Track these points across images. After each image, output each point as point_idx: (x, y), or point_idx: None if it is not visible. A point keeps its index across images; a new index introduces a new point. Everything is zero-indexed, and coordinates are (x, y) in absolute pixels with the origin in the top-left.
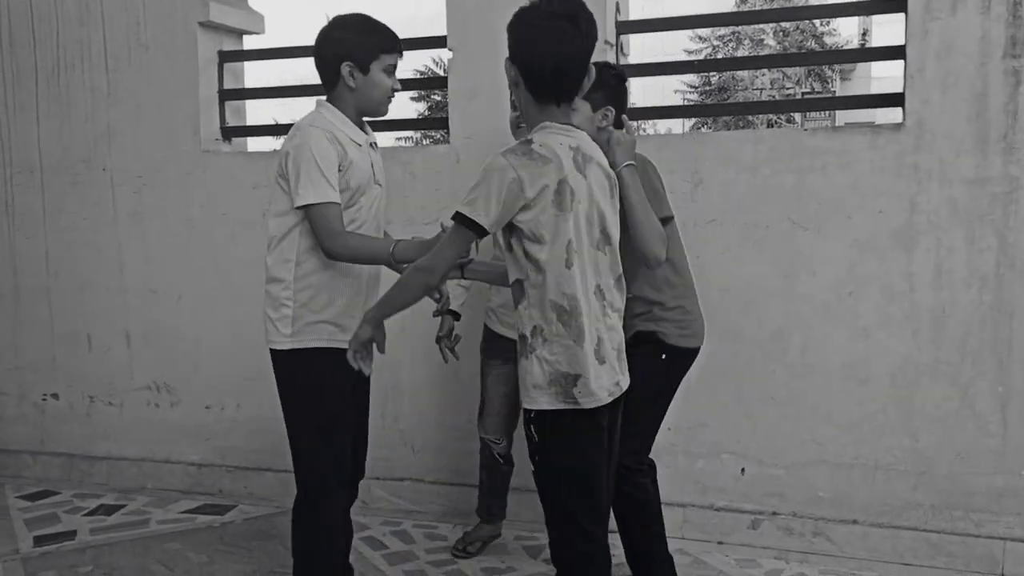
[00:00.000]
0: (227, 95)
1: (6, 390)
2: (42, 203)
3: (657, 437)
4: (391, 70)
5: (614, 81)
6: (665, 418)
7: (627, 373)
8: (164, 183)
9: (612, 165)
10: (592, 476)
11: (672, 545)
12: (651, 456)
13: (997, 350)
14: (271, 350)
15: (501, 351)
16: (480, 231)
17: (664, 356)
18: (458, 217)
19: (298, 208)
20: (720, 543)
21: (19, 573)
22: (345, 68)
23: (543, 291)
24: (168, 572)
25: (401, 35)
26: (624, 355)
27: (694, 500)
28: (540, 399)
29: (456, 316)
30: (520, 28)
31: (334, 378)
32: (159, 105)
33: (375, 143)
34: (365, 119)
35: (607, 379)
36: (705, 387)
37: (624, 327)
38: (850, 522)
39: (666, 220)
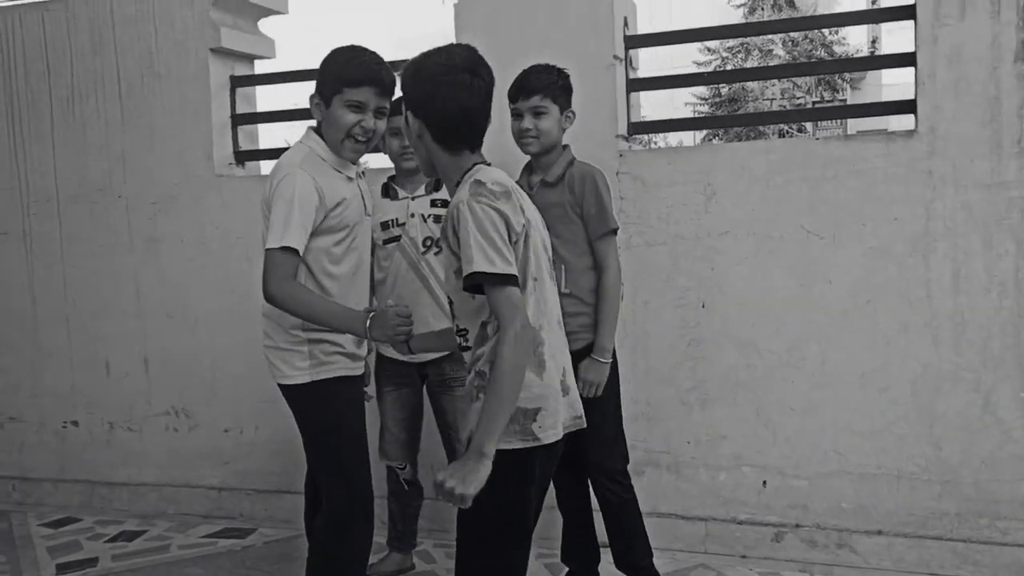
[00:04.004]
0: (240, 119)
1: (27, 418)
2: (59, 231)
3: (678, 450)
4: (357, 106)
5: (567, 83)
6: (685, 431)
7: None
8: (179, 208)
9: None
10: (529, 511)
11: (695, 560)
12: (673, 470)
13: (1018, 355)
14: (285, 386)
15: (394, 376)
16: (516, 282)
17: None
18: (494, 279)
19: (267, 250)
20: (743, 557)
21: None
22: (313, 100)
23: None
24: None
25: (411, 53)
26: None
27: (716, 514)
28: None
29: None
30: (421, 82)
31: (353, 405)
32: (172, 131)
33: (363, 172)
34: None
35: (566, 412)
36: (724, 399)
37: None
38: (875, 533)
39: (612, 232)
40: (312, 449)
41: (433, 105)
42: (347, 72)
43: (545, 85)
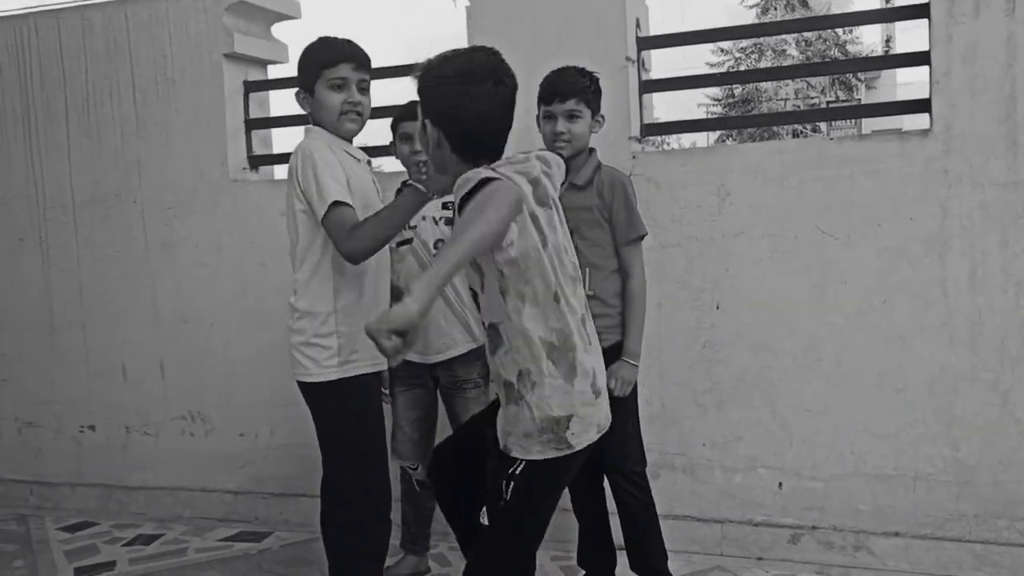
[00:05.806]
0: (253, 124)
1: (43, 423)
2: (75, 237)
3: (693, 452)
4: (339, 83)
5: (599, 87)
6: (701, 433)
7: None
8: (193, 213)
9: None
10: (550, 515)
11: (711, 562)
12: (689, 472)
13: None
14: (310, 383)
15: (406, 376)
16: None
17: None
18: (490, 183)
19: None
20: (760, 559)
21: None
22: (299, 96)
23: (528, 331)
24: None
25: (424, 56)
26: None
27: (732, 516)
28: (533, 448)
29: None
30: (440, 91)
31: (375, 402)
32: (187, 136)
33: (370, 162)
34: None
35: (598, 415)
36: (739, 400)
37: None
38: (892, 534)
39: (640, 239)
40: (330, 448)
41: (454, 116)
42: (321, 56)
43: (581, 89)
